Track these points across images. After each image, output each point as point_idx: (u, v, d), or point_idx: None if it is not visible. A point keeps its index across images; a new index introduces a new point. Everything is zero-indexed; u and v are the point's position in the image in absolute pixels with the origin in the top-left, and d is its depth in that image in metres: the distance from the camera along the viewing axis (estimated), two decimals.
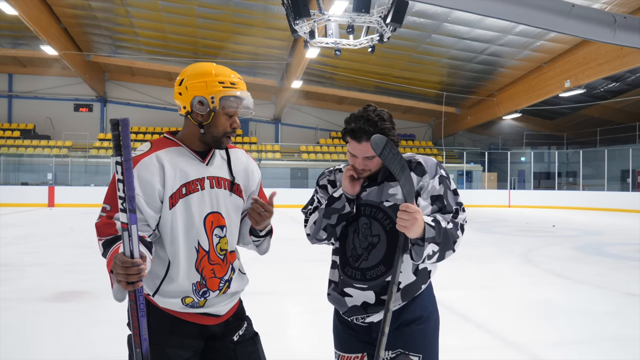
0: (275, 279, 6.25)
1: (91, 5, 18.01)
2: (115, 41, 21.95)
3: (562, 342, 4.05)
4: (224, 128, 1.74)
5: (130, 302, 1.49)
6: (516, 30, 16.29)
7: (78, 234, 10.85)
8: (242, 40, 19.71)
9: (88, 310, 4.82)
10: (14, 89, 26.56)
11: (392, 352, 1.80)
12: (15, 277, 6.23)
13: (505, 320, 4.66)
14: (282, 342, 3.89)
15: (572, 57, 17.44)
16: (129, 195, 1.40)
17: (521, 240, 10.61)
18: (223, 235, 1.78)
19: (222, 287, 1.77)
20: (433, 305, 1.89)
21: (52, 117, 26.36)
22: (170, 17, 18.37)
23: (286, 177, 23.82)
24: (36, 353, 3.71)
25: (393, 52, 19.32)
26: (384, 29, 11.73)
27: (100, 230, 1.63)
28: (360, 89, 24.64)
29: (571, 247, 9.52)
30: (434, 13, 15.53)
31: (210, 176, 1.76)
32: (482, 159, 26.73)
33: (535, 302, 5.32)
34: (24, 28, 17.56)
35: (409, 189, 1.69)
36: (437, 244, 1.67)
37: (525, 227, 13.45)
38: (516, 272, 7.04)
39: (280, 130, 28.66)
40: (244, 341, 1.85)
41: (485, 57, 19.25)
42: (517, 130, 28.39)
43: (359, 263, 1.83)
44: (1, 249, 8.48)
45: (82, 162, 22.81)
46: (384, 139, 1.67)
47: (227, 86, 1.70)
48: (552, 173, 26.03)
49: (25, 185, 21.42)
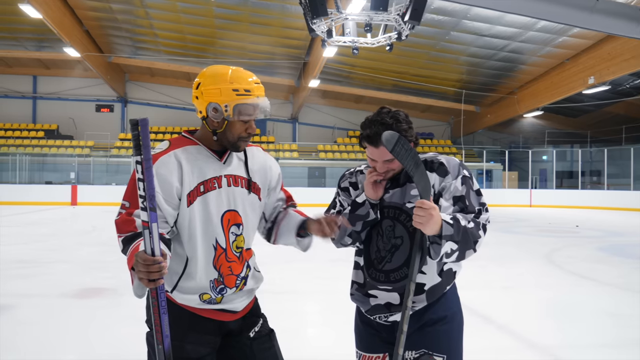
0: (294, 278, 6.26)
1: (112, 8, 18.26)
2: (135, 42, 22.21)
3: (586, 344, 3.97)
4: (239, 133, 1.73)
5: (152, 299, 1.51)
6: (538, 26, 16.01)
7: (100, 232, 11.02)
8: (260, 40, 19.78)
9: (110, 307, 4.88)
10: (38, 91, 27.08)
11: (416, 352, 1.78)
12: (39, 274, 6.34)
13: (527, 322, 4.58)
14: (300, 341, 3.88)
15: (596, 53, 17.08)
16: (149, 193, 1.42)
17: (543, 241, 10.45)
18: (239, 233, 1.79)
19: (238, 284, 1.79)
20: (457, 305, 1.86)
21: (74, 117, 26.80)
22: (189, 18, 18.52)
23: (303, 177, 23.83)
24: (59, 348, 3.76)
25: (411, 50, 19.18)
26: (402, 26, 11.63)
27: (120, 227, 1.64)
28: (377, 88, 24.52)
29: (595, 248, 9.33)
30: (453, 10, 15.36)
31: (227, 174, 1.77)
32: (502, 157, 26.39)
33: (558, 304, 5.22)
34: (48, 31, 17.89)
35: (424, 185, 1.66)
36: (455, 242, 1.64)
37: (548, 227, 13.24)
38: (538, 273, 6.92)
39: (298, 129, 28.69)
40: (260, 337, 1.86)
41: (505, 54, 18.98)
42: (539, 128, 27.95)
43: (382, 265, 1.81)
44: (26, 246, 8.65)
45: (103, 161, 23.16)
46: (396, 135, 1.64)
47: (241, 94, 1.68)
48: (575, 172, 25.56)
49: (49, 184, 21.82)
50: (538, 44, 17.70)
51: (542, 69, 20.25)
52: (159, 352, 1.54)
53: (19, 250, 8.21)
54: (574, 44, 17.32)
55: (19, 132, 25.63)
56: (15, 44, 22.30)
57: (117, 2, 17.77)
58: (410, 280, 1.67)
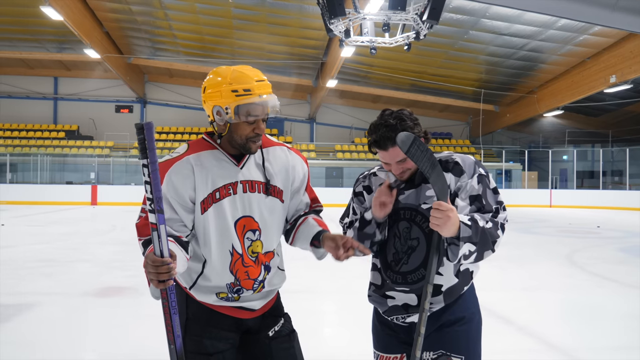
0: (312, 277, 6.26)
1: (132, 9, 18.49)
2: (154, 44, 22.46)
3: (609, 347, 3.90)
4: (246, 134, 1.69)
5: (163, 299, 1.52)
6: (558, 24, 15.78)
7: (120, 231, 11.15)
8: (278, 40, 19.83)
9: (130, 305, 4.95)
10: (59, 92, 27.53)
11: (434, 353, 1.77)
12: (61, 273, 6.45)
13: (548, 324, 4.52)
14: (317, 340, 3.88)
15: (617, 51, 16.77)
16: (156, 196, 1.42)
17: (564, 241, 10.30)
18: (255, 239, 1.77)
19: (256, 287, 1.79)
20: (475, 306, 1.84)
21: (94, 118, 27.18)
22: (207, 19, 18.66)
23: (321, 177, 23.83)
24: (81, 346, 3.82)
25: (429, 50, 19.06)
26: (420, 26, 11.57)
27: (140, 231, 1.67)
28: (395, 87, 24.42)
29: (617, 248, 9.17)
30: (471, 9, 15.23)
31: (243, 180, 1.75)
32: (521, 157, 26.05)
33: (580, 305, 5.15)
34: (69, 33, 18.19)
35: (440, 186, 1.63)
36: (474, 244, 1.62)
37: (568, 228, 13.05)
38: (559, 274, 6.83)
39: (315, 129, 28.71)
40: (280, 337, 1.85)
41: (525, 53, 18.75)
42: (559, 127, 27.55)
43: (399, 267, 1.80)
44: (48, 245, 8.80)
45: (122, 161, 23.44)
46: (411, 136, 1.62)
47: (240, 94, 1.63)
48: (597, 172, 25.13)
49: (70, 184, 22.17)
50: (558, 43, 17.45)
51: (562, 67, 19.96)
52: (171, 352, 1.56)
53: (41, 249, 8.37)
54: (595, 42, 17.03)
55: (40, 133, 26.08)
56: (36, 45, 22.71)
57: (137, 3, 17.99)
58: (427, 283, 1.66)
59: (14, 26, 20.24)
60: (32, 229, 11.49)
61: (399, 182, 1.84)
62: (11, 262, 7.05)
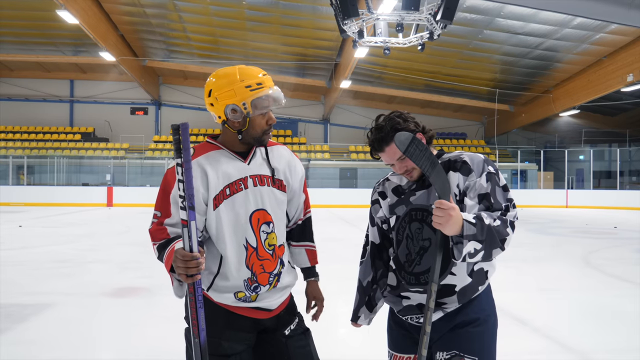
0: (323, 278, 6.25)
1: (146, 12, 18.67)
2: (168, 46, 22.65)
3: (627, 349, 3.84)
4: (262, 127, 1.78)
5: (190, 294, 1.57)
6: (573, 23, 15.59)
7: (135, 233, 11.25)
8: (291, 41, 19.88)
9: (145, 306, 4.99)
10: (75, 95, 27.89)
11: (447, 354, 1.76)
12: (76, 273, 6.53)
13: (563, 325, 4.46)
14: (329, 341, 3.88)
15: (635, 50, 16.51)
16: (189, 193, 1.50)
17: (580, 242, 10.17)
18: (270, 231, 1.82)
19: (272, 281, 1.82)
20: (491, 307, 1.83)
21: (110, 120, 27.49)
22: (221, 21, 18.77)
23: (335, 177, 23.83)
24: (95, 345, 3.86)
25: (443, 50, 18.96)
26: (434, 26, 11.51)
27: (153, 236, 1.73)
28: (409, 88, 24.33)
29: (635, 249, 9.03)
30: (485, 8, 15.12)
31: (252, 175, 1.81)
32: (537, 157, 25.78)
33: (597, 307, 5.08)
34: (84, 36, 18.43)
35: (441, 185, 1.63)
36: (479, 242, 1.60)
37: (585, 229, 12.88)
38: (576, 275, 6.74)
39: (329, 130, 28.71)
40: (296, 335, 1.89)
41: (540, 52, 18.56)
42: (575, 127, 27.21)
43: (412, 267, 1.81)
44: (63, 246, 8.92)
45: (138, 163, 23.66)
46: (409, 136, 1.63)
47: (254, 88, 1.72)
48: (614, 172, 24.76)
49: (86, 185, 22.42)
50: (574, 42, 17.25)
51: (578, 66, 19.72)
52: (195, 345, 1.59)
53: (58, 250, 8.48)
54: (611, 40, 16.80)
55: (57, 135, 26.44)
56: (53, 49, 23.04)
57: (151, 6, 18.17)
58: (431, 281, 1.65)
59: (30, 30, 20.57)
60: (48, 230, 11.65)
61: (411, 183, 1.85)
62: (28, 263, 7.16)
